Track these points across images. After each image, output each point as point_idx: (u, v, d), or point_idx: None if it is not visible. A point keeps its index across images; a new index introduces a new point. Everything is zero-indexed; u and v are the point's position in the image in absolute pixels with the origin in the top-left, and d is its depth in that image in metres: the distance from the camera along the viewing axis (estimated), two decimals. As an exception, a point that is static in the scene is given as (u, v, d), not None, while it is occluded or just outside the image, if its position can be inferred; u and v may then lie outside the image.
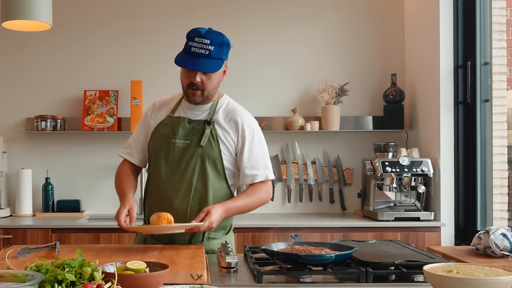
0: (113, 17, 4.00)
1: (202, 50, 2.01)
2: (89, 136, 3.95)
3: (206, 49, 2.01)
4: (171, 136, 2.12)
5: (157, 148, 2.15)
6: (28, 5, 2.30)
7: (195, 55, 2.02)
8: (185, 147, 2.10)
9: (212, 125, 2.11)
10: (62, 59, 3.98)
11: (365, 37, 4.04)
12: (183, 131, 2.12)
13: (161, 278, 1.41)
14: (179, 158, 2.10)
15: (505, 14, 3.31)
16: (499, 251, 1.90)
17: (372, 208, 3.58)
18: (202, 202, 2.09)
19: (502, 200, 3.24)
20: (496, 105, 3.25)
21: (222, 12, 3.99)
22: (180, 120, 2.14)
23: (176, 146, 2.11)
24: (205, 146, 2.08)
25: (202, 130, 2.10)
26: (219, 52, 2.04)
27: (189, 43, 2.05)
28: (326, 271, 1.66)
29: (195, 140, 2.09)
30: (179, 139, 2.11)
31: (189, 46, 2.04)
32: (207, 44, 2.01)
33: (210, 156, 2.09)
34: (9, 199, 3.89)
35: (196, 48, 2.02)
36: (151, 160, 2.18)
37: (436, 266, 1.45)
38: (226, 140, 2.12)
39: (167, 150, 2.12)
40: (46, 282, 1.31)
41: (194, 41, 2.03)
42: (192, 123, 2.13)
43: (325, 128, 3.85)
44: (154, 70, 3.97)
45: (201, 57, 2.02)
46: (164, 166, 2.12)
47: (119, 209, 2.03)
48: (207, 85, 2.08)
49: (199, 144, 2.08)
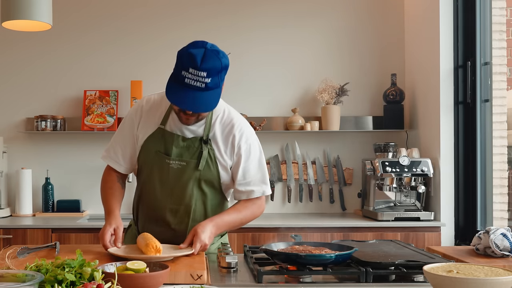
0: (113, 17, 4.00)
1: (197, 83, 1.76)
2: (89, 136, 3.95)
3: (202, 82, 1.76)
4: (164, 156, 1.97)
5: (149, 165, 2.01)
6: (28, 5, 2.30)
7: (189, 88, 1.77)
8: (181, 169, 1.96)
9: (209, 143, 1.96)
10: (62, 59, 3.98)
11: (365, 37, 4.04)
12: (177, 150, 1.96)
13: (161, 278, 1.41)
14: (175, 180, 1.97)
15: (505, 14, 3.31)
16: (499, 251, 1.90)
17: (372, 208, 3.58)
18: (201, 220, 2.00)
19: (502, 200, 3.24)
20: (496, 105, 3.25)
21: (222, 12, 3.99)
22: (174, 138, 1.96)
23: (170, 167, 1.96)
24: (203, 169, 1.96)
25: (198, 150, 1.95)
26: (216, 81, 1.80)
27: (182, 72, 1.77)
28: (326, 271, 1.66)
29: (192, 163, 1.95)
30: (173, 160, 1.96)
31: (183, 76, 1.77)
32: (203, 77, 1.76)
33: (207, 179, 1.98)
34: (9, 199, 3.89)
35: (190, 80, 1.77)
36: (143, 174, 2.04)
37: (436, 266, 1.45)
38: (223, 159, 1.99)
39: (161, 170, 1.98)
40: (46, 282, 1.31)
41: (188, 72, 1.76)
42: (186, 141, 1.96)
43: (325, 128, 3.85)
44: (154, 70, 3.97)
45: (196, 90, 1.77)
46: (159, 187, 1.99)
47: (104, 227, 1.91)
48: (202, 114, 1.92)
49: (197, 168, 1.95)
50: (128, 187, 2.30)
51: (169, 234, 2.02)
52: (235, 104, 2.47)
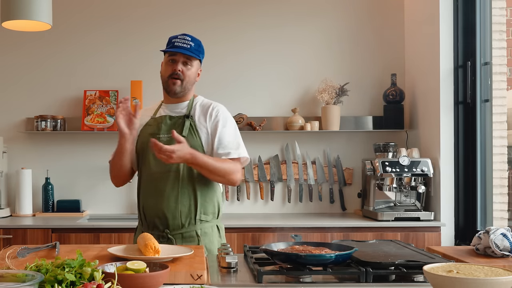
0: (113, 17, 4.00)
1: (184, 44, 2.31)
2: (89, 136, 3.95)
3: (188, 44, 2.31)
4: (156, 133, 2.32)
5: (144, 145, 2.32)
6: (28, 5, 2.30)
7: (178, 47, 2.31)
8: (169, 140, 2.25)
9: (191, 118, 2.32)
10: (62, 59, 3.98)
11: (365, 37, 4.04)
12: (166, 127, 2.32)
13: (161, 278, 1.41)
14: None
15: (505, 14, 3.31)
16: (499, 251, 1.90)
17: (372, 208, 3.58)
18: (190, 187, 2.27)
19: (502, 200, 3.24)
20: (496, 105, 3.25)
21: (222, 12, 3.99)
22: (162, 118, 2.36)
23: (161, 140, 2.25)
24: (187, 136, 2.25)
25: (182, 123, 2.32)
26: (197, 50, 2.34)
27: (172, 40, 2.35)
28: (326, 271, 1.66)
29: (177, 133, 2.21)
30: (163, 134, 2.30)
31: (173, 42, 2.34)
32: (188, 40, 2.32)
33: (192, 145, 2.23)
34: (9, 199, 3.89)
35: (178, 43, 2.31)
36: (140, 157, 2.35)
37: (436, 266, 1.45)
38: (204, 128, 2.31)
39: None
40: (46, 282, 1.31)
41: (177, 38, 2.34)
42: (173, 119, 2.35)
43: (325, 128, 3.85)
44: (154, 70, 3.94)
45: (183, 49, 2.30)
46: (153, 160, 2.28)
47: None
48: (186, 75, 2.33)
49: (181, 135, 2.21)
50: (130, 187, 2.32)
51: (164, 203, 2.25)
52: (235, 104, 2.49)
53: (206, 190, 2.30)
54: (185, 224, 2.26)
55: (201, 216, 2.28)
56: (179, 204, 2.25)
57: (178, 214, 2.25)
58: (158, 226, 2.28)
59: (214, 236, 2.32)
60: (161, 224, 2.27)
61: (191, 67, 2.34)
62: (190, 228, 2.27)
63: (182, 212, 2.25)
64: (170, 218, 2.25)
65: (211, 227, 2.31)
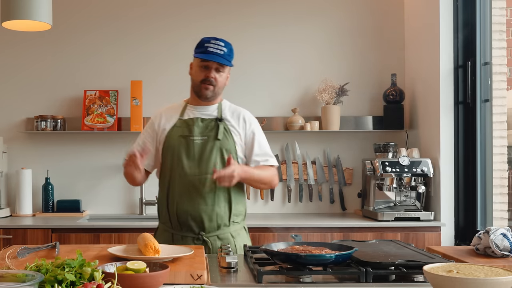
0: (113, 17, 4.00)
1: (218, 50, 2.30)
2: (89, 136, 3.95)
3: (221, 50, 2.30)
4: (188, 135, 2.34)
5: (175, 147, 2.34)
6: (28, 5, 2.30)
7: (212, 53, 2.30)
8: (203, 142, 2.32)
9: (223, 121, 2.37)
10: (62, 59, 3.98)
11: (365, 37, 4.03)
12: (198, 129, 2.35)
13: (161, 278, 1.41)
14: (200, 152, 2.31)
15: (505, 14, 3.31)
16: (499, 251, 1.90)
17: (372, 208, 3.58)
18: (225, 190, 2.31)
19: (502, 200, 3.24)
20: (496, 105, 3.25)
21: (221, 11, 3.99)
22: (194, 120, 2.37)
23: (195, 142, 2.32)
24: (222, 139, 2.32)
25: (215, 126, 2.35)
26: (229, 55, 2.35)
27: (205, 44, 2.33)
28: (326, 271, 1.66)
29: (212, 135, 2.33)
30: (196, 137, 2.33)
31: (205, 47, 2.32)
32: (221, 46, 2.31)
33: (227, 148, 2.33)
34: (9, 199, 3.89)
35: (212, 48, 2.30)
36: (170, 159, 2.35)
37: (436, 266, 1.45)
38: (237, 132, 2.37)
39: (187, 148, 2.32)
40: (46, 282, 1.31)
41: (210, 43, 2.32)
42: (204, 122, 2.37)
43: (325, 128, 3.85)
44: (154, 70, 3.97)
45: (217, 55, 2.30)
46: (186, 162, 2.31)
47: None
48: (218, 82, 2.35)
49: (216, 138, 2.32)
50: (130, 187, 2.32)
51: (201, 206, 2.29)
52: (235, 103, 2.49)
53: (238, 192, 2.38)
54: (221, 225, 2.32)
55: (234, 218, 2.35)
56: (216, 206, 2.30)
57: (214, 216, 2.30)
58: (193, 229, 2.30)
59: (244, 237, 2.40)
60: (197, 226, 2.30)
61: (223, 73, 2.37)
62: (224, 230, 2.32)
63: (218, 214, 2.30)
64: (206, 220, 2.29)
65: (241, 228, 2.40)
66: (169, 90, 3.92)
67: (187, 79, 2.50)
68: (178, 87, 3.93)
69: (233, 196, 2.33)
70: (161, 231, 2.40)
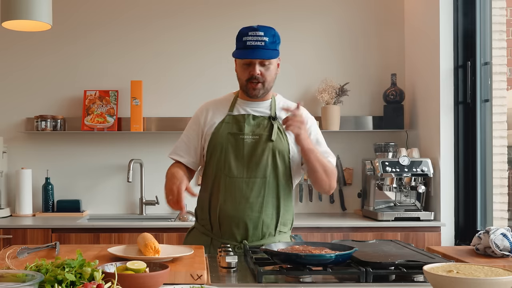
0: (113, 16, 4.00)
1: (257, 42, 2.08)
2: (89, 136, 3.95)
3: (262, 41, 2.08)
4: (238, 133, 2.15)
5: (223, 145, 2.14)
6: (28, 5, 2.30)
7: (252, 48, 2.08)
8: (255, 142, 2.13)
9: (277, 120, 2.17)
10: (62, 59, 3.98)
11: (365, 37, 4.03)
12: (249, 127, 2.15)
13: (161, 278, 1.41)
14: (250, 153, 2.13)
15: (505, 14, 3.31)
16: (499, 251, 1.90)
17: (372, 208, 3.58)
18: (274, 196, 2.14)
19: (502, 200, 3.24)
20: (496, 105, 3.25)
21: (222, 11, 3.99)
22: (245, 117, 2.17)
23: (245, 142, 2.13)
24: (275, 140, 2.13)
25: (268, 125, 2.16)
26: (273, 42, 2.13)
27: (243, 38, 2.10)
28: (326, 271, 1.66)
29: (264, 135, 2.14)
30: (247, 135, 2.14)
31: (244, 41, 2.10)
32: (261, 36, 2.08)
33: (280, 150, 2.14)
34: (9, 199, 3.89)
35: (251, 42, 2.08)
36: (216, 158, 2.15)
37: (436, 266, 1.45)
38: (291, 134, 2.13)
39: (236, 147, 2.14)
40: (46, 282, 1.31)
41: (248, 35, 2.09)
42: (256, 119, 2.17)
43: (325, 128, 3.85)
44: (154, 70, 3.97)
45: (257, 49, 2.08)
46: (234, 162, 2.13)
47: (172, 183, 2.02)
48: (266, 77, 2.15)
49: (270, 139, 2.13)
50: (130, 187, 2.30)
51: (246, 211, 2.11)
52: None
53: (287, 199, 2.19)
54: (266, 235, 2.15)
55: (281, 227, 2.18)
56: (263, 214, 2.12)
57: (260, 224, 2.12)
58: (236, 236, 2.14)
59: None
60: (239, 234, 2.13)
61: (270, 65, 2.15)
62: (269, 239, 2.14)
63: (264, 222, 2.12)
64: (251, 228, 2.12)
65: (287, 239, 2.20)
66: (169, 90, 3.92)
67: (187, 79, 2.50)
68: (178, 87, 3.94)
69: (282, 202, 2.15)
70: (199, 234, 2.23)
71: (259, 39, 2.08)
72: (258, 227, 2.12)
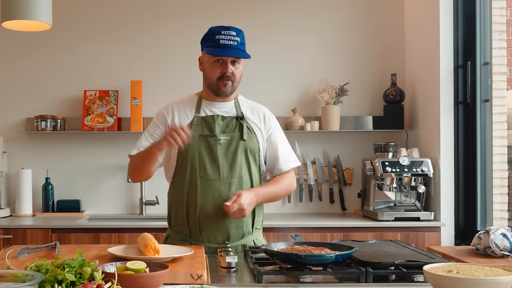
0: (113, 17, 4.00)
1: (230, 41, 2.12)
2: (89, 136, 3.95)
3: (234, 40, 2.12)
4: (210, 135, 2.17)
5: (195, 147, 2.15)
6: (28, 5, 2.30)
7: (226, 47, 2.11)
8: (227, 142, 2.17)
9: (244, 119, 2.23)
10: (62, 59, 3.98)
11: (365, 37, 4.04)
12: (220, 128, 2.18)
13: (161, 278, 1.41)
14: (224, 154, 2.16)
15: (505, 14, 3.31)
16: (499, 251, 1.90)
17: (372, 208, 3.58)
18: None
19: (502, 200, 3.24)
20: (496, 105, 3.25)
21: (222, 13, 3.99)
22: (214, 118, 2.19)
23: (218, 142, 2.16)
24: (247, 139, 2.18)
25: (237, 125, 2.20)
26: (242, 44, 2.17)
27: (215, 36, 2.13)
28: (326, 271, 1.66)
29: (236, 135, 2.18)
30: (219, 136, 2.17)
31: (217, 39, 2.12)
32: (234, 35, 2.12)
33: (251, 149, 2.19)
34: (9, 199, 3.89)
35: (224, 40, 2.11)
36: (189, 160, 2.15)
37: (436, 266, 1.45)
38: (260, 131, 2.24)
39: (209, 148, 2.16)
40: (46, 282, 1.31)
41: (221, 34, 2.12)
42: (225, 120, 2.21)
43: (325, 128, 3.85)
44: (154, 70, 3.98)
45: (231, 47, 2.12)
46: (209, 164, 2.15)
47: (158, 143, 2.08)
48: (236, 76, 2.18)
49: (241, 138, 2.18)
50: (130, 187, 2.30)
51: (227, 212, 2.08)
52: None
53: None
54: (245, 233, 2.19)
55: (256, 224, 2.24)
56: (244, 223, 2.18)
57: (241, 224, 2.16)
58: (217, 237, 2.15)
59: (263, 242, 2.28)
60: (221, 234, 2.15)
61: (239, 65, 2.18)
62: (249, 237, 2.20)
63: (244, 221, 2.17)
64: (232, 228, 2.15)
65: (259, 234, 2.28)
66: (169, 90, 3.92)
67: (187, 79, 2.50)
68: (178, 86, 3.94)
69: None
70: (176, 241, 2.20)
71: (232, 39, 2.12)
72: (239, 226, 2.17)
